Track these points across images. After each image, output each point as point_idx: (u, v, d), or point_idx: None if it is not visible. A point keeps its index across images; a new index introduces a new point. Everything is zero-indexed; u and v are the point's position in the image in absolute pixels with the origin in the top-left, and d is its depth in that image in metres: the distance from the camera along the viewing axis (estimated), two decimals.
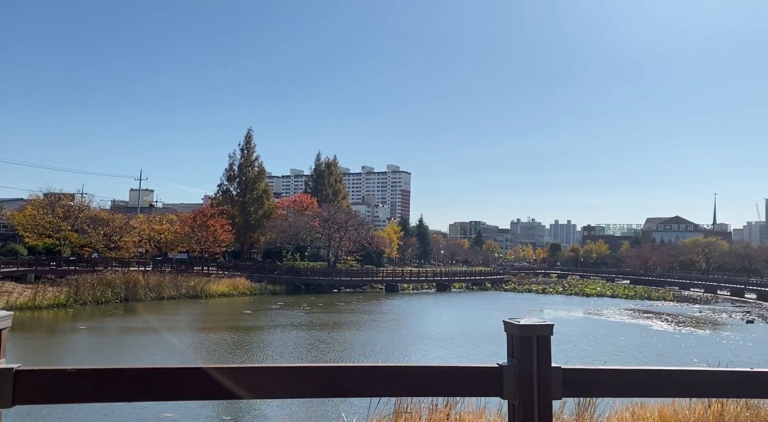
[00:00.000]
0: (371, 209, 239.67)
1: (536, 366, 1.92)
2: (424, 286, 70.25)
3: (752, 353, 27.52)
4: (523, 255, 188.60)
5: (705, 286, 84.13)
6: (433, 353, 25.16)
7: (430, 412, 6.56)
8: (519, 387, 1.90)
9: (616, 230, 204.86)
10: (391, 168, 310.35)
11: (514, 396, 1.91)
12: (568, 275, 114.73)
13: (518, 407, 1.90)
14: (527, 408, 1.89)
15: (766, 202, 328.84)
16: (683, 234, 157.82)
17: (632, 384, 2.10)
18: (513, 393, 1.91)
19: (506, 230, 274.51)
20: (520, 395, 1.90)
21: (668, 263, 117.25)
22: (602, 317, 43.49)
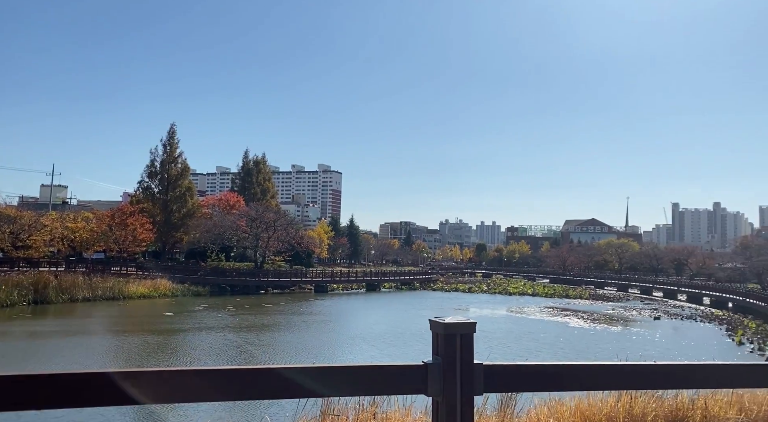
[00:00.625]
0: (301, 208, 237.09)
1: (459, 363, 1.96)
2: (354, 286, 70.36)
3: (658, 347, 29.54)
4: (450, 255, 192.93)
5: (618, 285, 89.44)
6: (366, 353, 25.22)
7: (357, 412, 6.57)
8: (443, 384, 1.93)
9: (537, 231, 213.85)
10: (322, 167, 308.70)
11: (438, 393, 1.94)
12: (492, 274, 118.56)
13: (441, 403, 1.94)
14: (450, 404, 1.92)
15: (672, 206, 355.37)
16: (598, 235, 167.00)
17: (550, 379, 2.19)
18: (437, 390, 1.94)
19: (435, 230, 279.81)
20: (444, 392, 1.93)
21: (585, 263, 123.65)
22: (524, 315, 45.23)
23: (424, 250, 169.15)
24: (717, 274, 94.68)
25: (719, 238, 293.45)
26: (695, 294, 67.62)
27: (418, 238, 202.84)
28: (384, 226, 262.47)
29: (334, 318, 41.30)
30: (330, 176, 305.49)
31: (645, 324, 41.21)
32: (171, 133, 71.76)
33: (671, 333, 37.04)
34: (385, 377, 1.96)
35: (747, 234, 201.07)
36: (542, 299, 63.60)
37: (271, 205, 76.89)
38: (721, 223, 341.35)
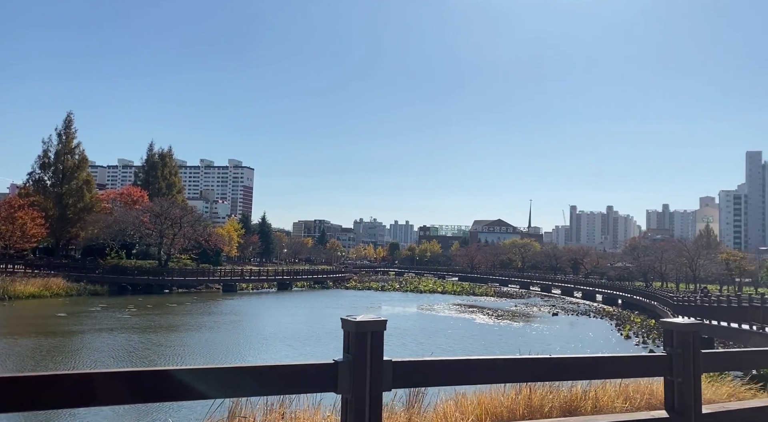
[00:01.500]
0: (210, 205, 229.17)
1: (369, 360, 2.00)
2: (265, 286, 68.95)
3: (556, 341, 31.39)
4: (364, 253, 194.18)
5: (520, 283, 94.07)
6: (281, 352, 24.80)
7: (265, 413, 6.47)
8: (353, 381, 1.96)
9: (448, 231, 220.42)
10: (232, 163, 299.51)
11: (348, 391, 1.97)
12: (405, 273, 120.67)
13: (351, 400, 1.97)
14: (359, 401, 1.96)
15: (570, 209, 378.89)
16: (504, 235, 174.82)
17: (455, 374, 2.28)
18: (347, 387, 1.97)
19: (349, 229, 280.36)
20: (353, 389, 1.96)
21: (491, 261, 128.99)
22: (433, 312, 46.41)
23: (338, 249, 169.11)
24: (609, 273, 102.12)
25: (611, 239, 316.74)
26: (589, 292, 72.50)
27: (332, 237, 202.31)
28: (297, 224, 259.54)
29: (245, 318, 40.27)
30: (241, 172, 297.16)
31: (544, 320, 43.63)
32: (68, 122, 66.90)
33: (568, 328, 39.45)
34: (295, 376, 1.96)
35: (635, 236, 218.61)
36: (451, 296, 65.57)
37: (177, 201, 73.62)
38: (613, 225, 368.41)
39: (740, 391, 10.96)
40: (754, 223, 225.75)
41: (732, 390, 10.83)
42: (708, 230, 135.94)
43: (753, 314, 21.08)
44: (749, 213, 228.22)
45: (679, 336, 2.75)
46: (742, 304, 22.91)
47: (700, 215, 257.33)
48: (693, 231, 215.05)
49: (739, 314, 22.67)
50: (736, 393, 10.12)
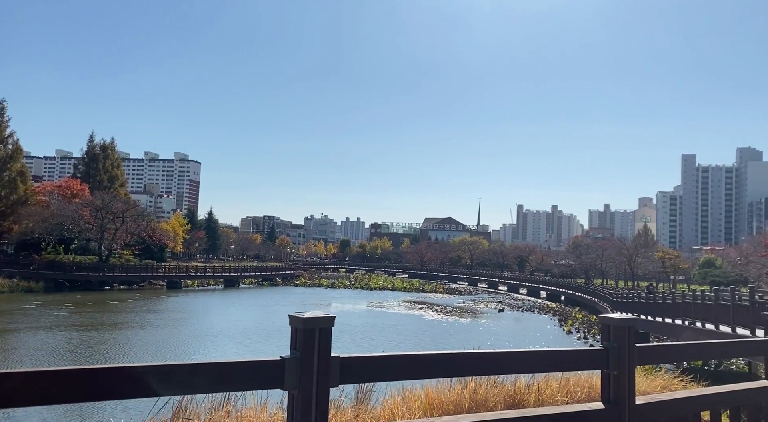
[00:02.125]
0: (154, 199, 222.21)
1: (317, 356, 2.00)
2: (211, 282, 67.45)
3: (502, 336, 32.16)
4: (315, 250, 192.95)
5: (469, 280, 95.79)
6: (232, 349, 24.36)
7: (210, 411, 6.36)
8: (299, 378, 1.96)
9: (399, 228, 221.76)
10: (178, 156, 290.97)
11: (294, 387, 1.97)
12: (355, 270, 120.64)
13: (297, 397, 1.96)
14: (306, 397, 1.96)
15: (517, 208, 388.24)
16: (454, 233, 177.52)
17: (403, 369, 2.31)
18: (293, 384, 1.97)
19: (300, 225, 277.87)
20: (300, 385, 1.96)
21: (441, 259, 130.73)
22: (383, 309, 46.65)
23: (287, 246, 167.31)
24: (553, 270, 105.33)
25: (556, 238, 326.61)
26: (534, 288, 74.58)
27: (281, 233, 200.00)
28: (246, 220, 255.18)
29: (192, 315, 39.28)
30: (187, 166, 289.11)
31: (491, 316, 44.61)
32: (0, 110, 63.33)
33: (513, 323, 40.48)
34: (241, 373, 1.94)
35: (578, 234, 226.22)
36: (401, 293, 66.06)
37: (119, 194, 70.96)
38: (558, 224, 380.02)
39: (672, 383, 11.56)
40: (689, 223, 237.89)
41: (665, 382, 11.41)
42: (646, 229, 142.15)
43: (685, 310, 22.21)
44: (684, 213, 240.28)
45: (616, 331, 2.87)
46: (676, 301, 24.10)
47: (639, 215, 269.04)
48: (632, 230, 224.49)
49: (672, 310, 23.84)
50: (668, 385, 10.66)
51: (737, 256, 72.98)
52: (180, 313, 39.57)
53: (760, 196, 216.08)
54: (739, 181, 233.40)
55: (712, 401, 3.43)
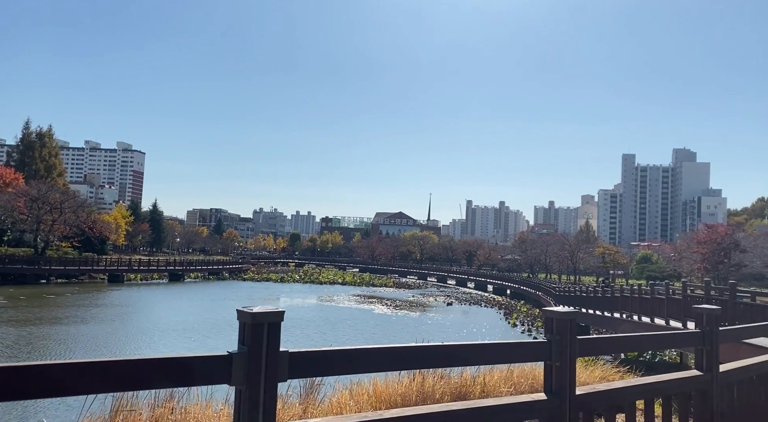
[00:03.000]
0: (95, 190, 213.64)
1: (266, 351, 1.98)
2: (155, 276, 65.46)
3: (450, 330, 32.70)
4: (264, 244, 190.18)
5: (419, 274, 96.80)
6: (179, 345, 23.72)
7: (153, 407, 6.19)
8: (247, 373, 1.94)
9: (350, 222, 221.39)
10: (121, 146, 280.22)
11: (242, 382, 1.94)
12: (305, 264, 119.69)
13: (245, 392, 1.94)
14: (253, 392, 1.93)
15: (467, 203, 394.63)
16: (404, 228, 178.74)
17: (351, 362, 2.32)
18: (241, 379, 1.94)
19: (248, 219, 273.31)
20: (248, 380, 1.93)
21: (392, 253, 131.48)
22: (333, 303, 46.53)
23: (235, 239, 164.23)
24: (500, 265, 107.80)
25: (503, 233, 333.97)
26: (481, 283, 76.12)
27: (229, 226, 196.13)
28: (192, 213, 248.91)
29: (136, 310, 38.01)
30: (131, 156, 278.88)
31: (440, 310, 45.25)
32: None
33: (461, 317, 41.21)
34: (186, 368, 1.89)
35: (524, 230, 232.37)
36: (351, 288, 66.06)
37: (57, 184, 67.84)
38: (505, 220, 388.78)
39: (610, 374, 12.07)
40: (628, 220, 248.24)
41: (603, 373, 11.90)
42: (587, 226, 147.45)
43: (623, 304, 23.20)
44: (623, 211, 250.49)
45: (558, 324, 2.97)
46: (615, 295, 25.13)
47: (581, 212, 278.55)
48: (575, 226, 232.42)
49: (611, 304, 24.85)
50: (606, 376, 11.12)
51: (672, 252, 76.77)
52: (124, 308, 38.24)
53: (693, 195, 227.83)
54: (675, 181, 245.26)
55: (646, 390, 3.61)
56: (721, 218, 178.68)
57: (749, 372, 4.63)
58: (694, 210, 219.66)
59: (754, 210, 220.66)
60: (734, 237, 56.60)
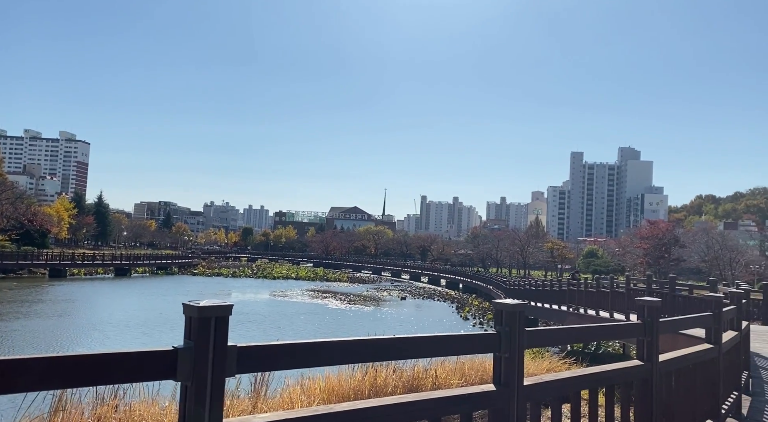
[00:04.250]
0: (36, 181, 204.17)
1: (213, 346, 1.93)
2: (100, 271, 63.14)
3: (403, 324, 32.94)
4: (215, 238, 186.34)
5: (373, 269, 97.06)
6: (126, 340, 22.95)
7: (95, 406, 5.97)
8: (193, 368, 1.88)
9: (304, 217, 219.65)
10: (64, 135, 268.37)
11: (188, 378, 1.88)
12: (258, 259, 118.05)
13: (191, 388, 1.88)
14: (200, 388, 1.88)
15: (421, 199, 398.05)
16: (359, 222, 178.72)
17: (301, 357, 2.29)
18: (187, 374, 1.88)
19: (199, 212, 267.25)
20: (194, 376, 1.88)
21: (346, 248, 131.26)
22: (287, 298, 46.10)
23: (185, 233, 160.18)
24: (453, 259, 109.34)
25: (456, 228, 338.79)
26: (435, 277, 77.02)
27: (179, 220, 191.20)
28: (140, 206, 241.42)
29: (79, 305, 36.52)
30: (75, 146, 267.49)
31: (394, 304, 45.53)
32: None
33: (414, 310, 41.60)
34: (129, 364, 1.82)
35: (476, 225, 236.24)
36: (305, 282, 65.61)
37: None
38: (458, 215, 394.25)
39: (557, 365, 12.44)
40: (575, 216, 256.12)
41: (551, 364, 12.26)
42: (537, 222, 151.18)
43: (570, 297, 23.93)
44: (571, 207, 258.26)
45: (507, 316, 3.02)
46: (562, 288, 25.90)
47: (532, 208, 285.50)
48: (525, 222, 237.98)
49: (559, 297, 25.60)
50: (554, 367, 11.47)
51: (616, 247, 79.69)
52: (68, 303, 36.70)
53: (637, 192, 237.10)
54: (620, 178, 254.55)
55: (591, 380, 3.73)
56: (662, 215, 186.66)
57: (687, 361, 4.85)
58: (638, 206, 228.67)
59: (692, 207, 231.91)
60: (674, 233, 59.27)
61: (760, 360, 11.06)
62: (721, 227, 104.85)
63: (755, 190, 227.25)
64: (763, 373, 9.80)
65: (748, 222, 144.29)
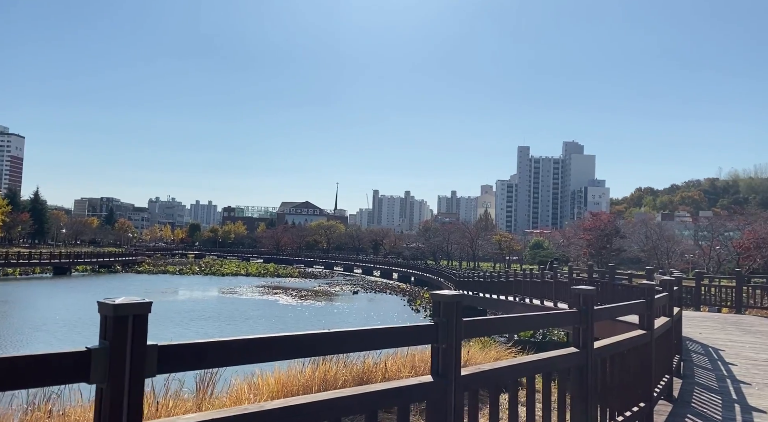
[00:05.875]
0: None
1: (130, 346, 1.83)
2: (37, 270, 60.22)
3: (355, 318, 32.96)
4: (160, 235, 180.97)
5: (325, 263, 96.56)
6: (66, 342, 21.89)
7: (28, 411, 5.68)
8: (108, 369, 1.78)
9: (254, 212, 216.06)
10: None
11: (102, 380, 1.78)
12: (206, 255, 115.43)
13: (106, 390, 1.78)
14: (116, 391, 1.78)
15: (373, 193, 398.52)
16: (311, 217, 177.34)
17: (231, 354, 2.21)
18: (101, 376, 1.78)
19: (143, 208, 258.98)
20: (109, 378, 1.78)
21: (297, 243, 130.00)
22: (236, 295, 45.28)
23: (129, 230, 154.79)
24: (405, 253, 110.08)
25: (408, 222, 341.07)
26: (387, 271, 77.38)
27: (122, 216, 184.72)
28: (80, 202, 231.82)
29: (13, 307, 34.68)
30: (8, 140, 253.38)
31: (346, 298, 45.48)
32: None
33: (367, 304, 41.68)
34: (39, 368, 1.71)
35: (428, 219, 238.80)
36: (255, 279, 64.64)
37: None
38: (410, 209, 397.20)
39: (504, 354, 12.72)
40: (522, 209, 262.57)
41: (498, 354, 12.52)
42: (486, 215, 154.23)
43: (516, 287, 24.51)
44: (519, 200, 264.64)
45: (445, 307, 3.02)
46: (509, 279, 26.49)
47: (481, 201, 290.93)
48: (475, 215, 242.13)
49: (507, 288, 26.17)
50: (501, 357, 11.71)
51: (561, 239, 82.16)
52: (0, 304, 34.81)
53: (580, 185, 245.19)
54: (564, 172, 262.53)
55: (528, 368, 3.80)
56: (604, 206, 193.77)
57: (620, 347, 5.03)
58: (582, 199, 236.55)
59: (632, 199, 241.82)
60: (615, 225, 61.55)
61: (692, 345, 11.64)
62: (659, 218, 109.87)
63: (690, 183, 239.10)
64: (694, 357, 10.32)
65: (684, 214, 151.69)
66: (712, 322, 16.09)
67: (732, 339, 12.69)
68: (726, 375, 8.74)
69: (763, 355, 10.65)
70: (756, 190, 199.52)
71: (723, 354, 10.62)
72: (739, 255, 40.91)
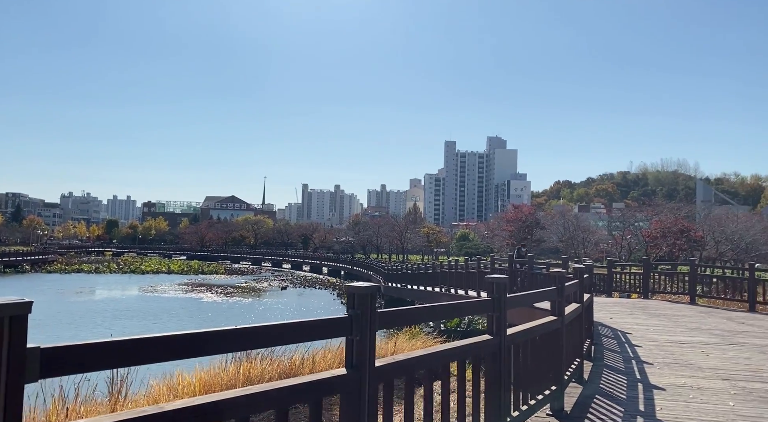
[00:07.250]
0: None
1: (7, 349, 1.69)
2: None
3: (284, 313, 32.55)
4: (74, 232, 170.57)
5: (252, 259, 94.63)
6: None
7: None
8: None
9: (177, 207, 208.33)
10: None
11: None
12: (124, 253, 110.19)
13: None
14: None
15: (303, 187, 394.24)
16: (237, 212, 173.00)
17: (125, 354, 2.10)
18: None
19: (55, 204, 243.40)
20: None
21: (223, 239, 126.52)
22: (157, 293, 43.52)
23: (39, 227, 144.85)
24: (335, 247, 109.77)
25: (338, 216, 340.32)
26: (316, 265, 76.92)
27: (31, 213, 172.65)
28: None
29: None
30: None
31: (274, 294, 44.81)
32: None
33: (296, 300, 41.26)
34: None
35: (358, 213, 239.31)
36: (178, 276, 62.40)
37: None
38: (340, 203, 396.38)
39: (429, 343, 12.98)
40: (450, 202, 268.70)
41: (423, 343, 12.75)
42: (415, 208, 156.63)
43: (443, 278, 25.06)
44: (446, 193, 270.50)
45: (359, 299, 3.02)
46: (436, 270, 27.04)
47: (410, 195, 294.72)
48: (404, 208, 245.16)
49: (434, 279, 26.70)
50: (427, 346, 11.93)
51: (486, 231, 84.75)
52: None
53: (503, 179, 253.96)
54: (489, 166, 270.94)
55: (444, 356, 3.88)
56: (526, 199, 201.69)
57: (533, 333, 5.23)
58: (505, 192, 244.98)
59: (552, 192, 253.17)
60: (536, 217, 64.24)
61: (602, 329, 12.34)
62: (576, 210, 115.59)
63: (604, 176, 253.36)
64: (605, 340, 10.95)
65: (598, 205, 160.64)
66: (622, 307, 17.14)
67: (638, 323, 13.56)
68: (632, 356, 9.34)
69: (665, 337, 11.46)
70: (662, 183, 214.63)
71: (630, 337, 11.33)
72: (648, 244, 43.79)
